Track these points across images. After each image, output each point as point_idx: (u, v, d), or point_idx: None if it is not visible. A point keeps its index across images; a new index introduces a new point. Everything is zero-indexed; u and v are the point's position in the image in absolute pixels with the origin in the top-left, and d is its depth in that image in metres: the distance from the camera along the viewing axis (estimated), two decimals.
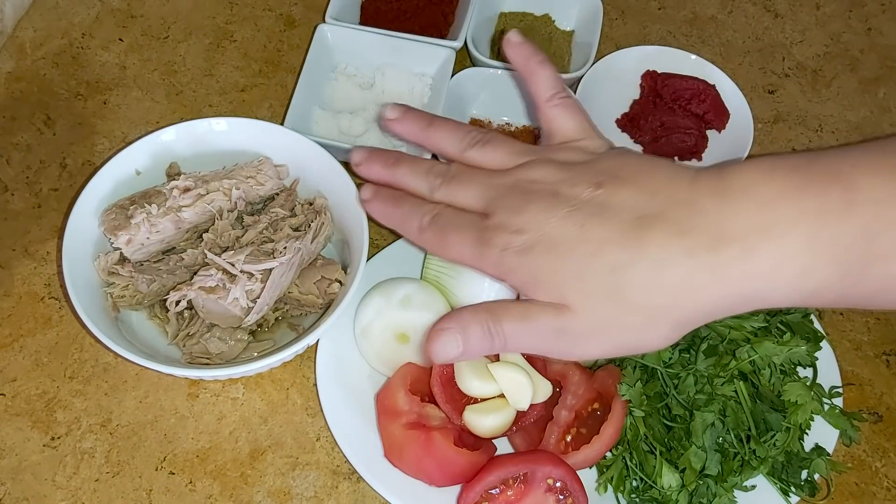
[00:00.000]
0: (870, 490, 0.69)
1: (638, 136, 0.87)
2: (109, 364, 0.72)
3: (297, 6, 0.95)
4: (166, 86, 0.88)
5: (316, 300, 0.69)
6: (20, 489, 0.66)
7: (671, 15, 0.98)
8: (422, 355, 0.66)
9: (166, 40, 0.91)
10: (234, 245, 0.68)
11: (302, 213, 0.71)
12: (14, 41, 0.90)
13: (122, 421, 0.69)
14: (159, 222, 0.67)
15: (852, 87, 0.94)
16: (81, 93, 0.87)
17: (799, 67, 0.95)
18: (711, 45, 0.96)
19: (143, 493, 0.66)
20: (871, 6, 1.01)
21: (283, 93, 0.88)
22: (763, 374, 0.64)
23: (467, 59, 0.88)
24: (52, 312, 0.74)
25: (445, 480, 0.63)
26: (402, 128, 0.65)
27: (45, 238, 0.78)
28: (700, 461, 0.61)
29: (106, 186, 0.70)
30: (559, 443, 0.64)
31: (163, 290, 0.68)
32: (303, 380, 0.72)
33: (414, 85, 0.85)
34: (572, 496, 0.61)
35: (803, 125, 0.91)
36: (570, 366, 0.66)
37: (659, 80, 0.87)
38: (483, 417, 0.62)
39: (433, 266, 0.70)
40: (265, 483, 0.67)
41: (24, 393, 0.70)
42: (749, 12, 0.99)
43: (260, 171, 0.72)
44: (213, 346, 0.67)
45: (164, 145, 0.72)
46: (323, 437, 0.69)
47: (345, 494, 0.67)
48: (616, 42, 0.95)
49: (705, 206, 0.49)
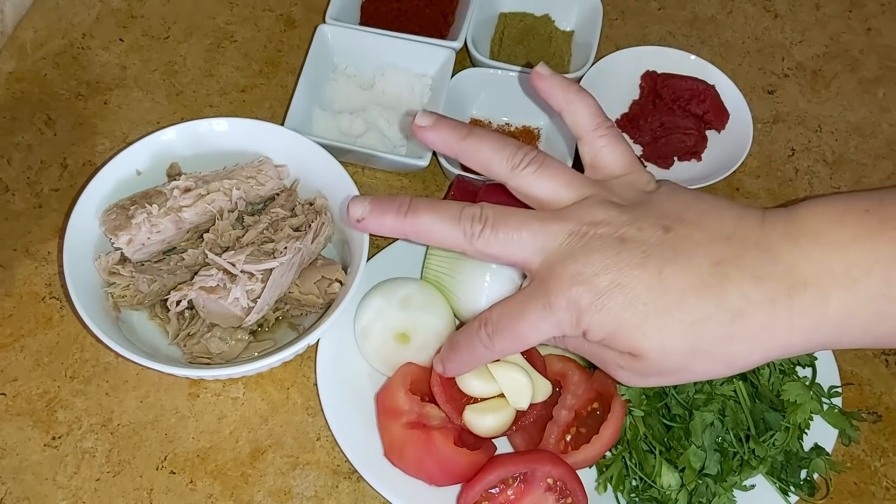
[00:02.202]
0: (869, 490, 0.69)
1: (638, 136, 0.87)
2: (110, 364, 0.72)
3: (298, 6, 0.95)
4: (167, 86, 0.88)
5: (316, 300, 0.69)
6: (21, 489, 0.66)
7: (671, 15, 0.98)
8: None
9: (167, 41, 0.92)
10: (234, 245, 0.68)
11: (302, 214, 0.71)
12: (14, 41, 0.90)
13: (122, 420, 0.69)
14: (160, 222, 0.68)
15: (852, 87, 0.94)
16: (82, 93, 0.87)
17: (798, 68, 0.95)
18: (711, 46, 0.96)
19: (143, 492, 0.66)
20: (871, 6, 1.01)
21: (283, 93, 0.89)
22: (762, 374, 0.64)
23: (467, 59, 0.88)
24: (53, 312, 0.74)
25: (445, 480, 0.63)
26: (435, 137, 0.58)
27: (46, 238, 0.78)
28: (699, 461, 0.61)
29: (107, 186, 0.70)
30: (559, 442, 0.64)
31: (163, 290, 0.69)
32: (303, 379, 0.72)
33: (414, 85, 0.85)
34: (572, 496, 0.61)
35: (803, 125, 0.91)
36: (570, 365, 0.66)
37: (658, 81, 0.87)
38: (483, 417, 0.62)
39: (433, 266, 0.70)
40: (266, 483, 0.67)
41: (25, 393, 0.70)
42: (749, 13, 0.99)
43: (260, 171, 0.72)
44: (213, 346, 0.67)
45: (165, 145, 0.72)
46: (323, 437, 0.69)
47: (345, 494, 0.67)
48: (616, 42, 0.95)
49: (779, 251, 0.49)
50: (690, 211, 0.52)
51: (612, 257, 0.50)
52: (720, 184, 0.84)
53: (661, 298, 0.49)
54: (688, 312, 0.49)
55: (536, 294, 0.52)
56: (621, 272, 0.50)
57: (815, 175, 0.87)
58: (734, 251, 0.50)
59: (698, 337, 0.49)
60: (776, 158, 0.88)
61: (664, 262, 0.49)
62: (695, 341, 0.49)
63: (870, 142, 0.90)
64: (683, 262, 0.49)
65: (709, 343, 0.49)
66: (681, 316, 0.49)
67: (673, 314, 0.49)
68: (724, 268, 0.49)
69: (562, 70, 0.89)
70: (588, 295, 0.50)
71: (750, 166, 0.87)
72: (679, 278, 0.49)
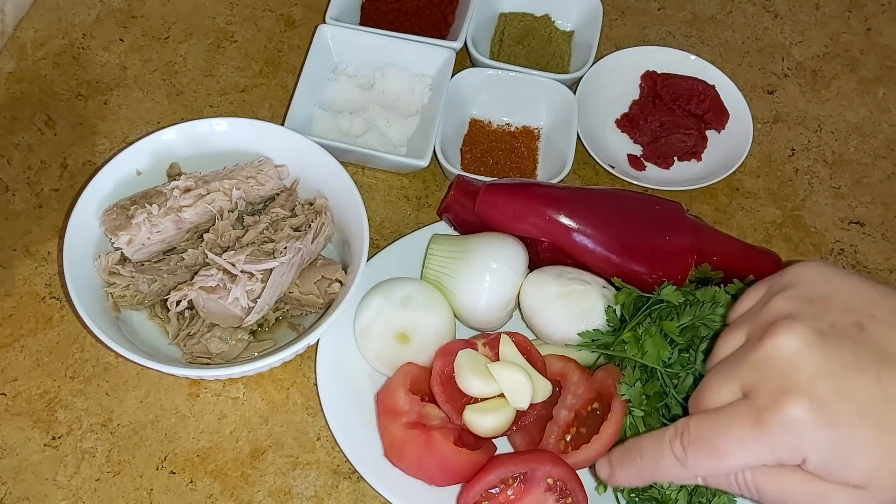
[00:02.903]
0: None
1: (637, 136, 0.87)
2: (110, 364, 0.72)
3: (298, 7, 0.95)
4: (167, 86, 0.88)
5: (316, 300, 0.69)
6: (21, 489, 0.66)
7: (671, 15, 0.98)
8: None
9: (167, 41, 0.92)
10: (234, 245, 0.68)
11: (302, 214, 0.71)
12: (15, 42, 0.90)
13: (122, 420, 0.69)
14: (160, 222, 0.68)
15: (852, 87, 0.94)
16: (82, 93, 0.87)
17: (798, 68, 0.95)
18: (711, 46, 0.96)
19: (143, 492, 0.66)
20: (871, 6, 1.01)
21: (283, 93, 0.89)
22: None
23: (467, 59, 0.88)
24: (53, 312, 0.74)
25: (445, 480, 0.63)
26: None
27: (46, 238, 0.78)
28: None
29: (107, 186, 0.70)
30: (559, 442, 0.64)
31: (163, 290, 0.69)
32: (303, 379, 0.72)
33: (414, 85, 0.85)
34: (572, 496, 0.61)
35: (802, 125, 0.91)
36: (570, 365, 0.66)
37: (658, 81, 0.88)
38: (483, 417, 0.62)
39: (433, 266, 0.70)
40: (266, 482, 0.67)
41: (25, 393, 0.70)
42: (748, 13, 0.99)
43: (260, 171, 0.72)
44: (213, 346, 0.67)
45: (165, 145, 0.72)
46: (323, 437, 0.69)
47: (345, 494, 0.67)
48: (616, 42, 0.95)
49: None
50: (878, 308, 0.44)
51: (821, 358, 0.42)
52: (720, 184, 0.84)
53: (889, 409, 0.41)
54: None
55: (743, 407, 0.44)
56: (840, 376, 0.41)
57: (814, 175, 0.87)
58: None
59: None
60: (776, 158, 0.88)
61: (879, 364, 0.41)
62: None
63: (869, 142, 0.90)
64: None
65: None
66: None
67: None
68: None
69: (561, 70, 0.90)
70: (811, 406, 0.41)
71: (750, 166, 0.87)
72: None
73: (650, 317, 0.64)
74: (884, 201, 0.86)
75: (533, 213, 0.70)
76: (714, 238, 0.73)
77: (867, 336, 0.42)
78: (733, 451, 0.43)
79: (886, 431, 0.40)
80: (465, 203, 0.73)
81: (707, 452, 0.45)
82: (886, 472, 0.41)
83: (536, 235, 0.70)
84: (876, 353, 0.42)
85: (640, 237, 0.70)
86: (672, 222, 0.71)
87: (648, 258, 0.69)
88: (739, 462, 0.44)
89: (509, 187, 0.72)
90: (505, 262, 0.68)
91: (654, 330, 0.63)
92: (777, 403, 0.42)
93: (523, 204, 0.71)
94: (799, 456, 0.42)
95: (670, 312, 0.64)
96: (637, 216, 0.71)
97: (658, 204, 0.73)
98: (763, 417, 0.42)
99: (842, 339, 0.42)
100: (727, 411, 0.45)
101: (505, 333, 0.66)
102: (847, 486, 0.42)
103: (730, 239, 0.74)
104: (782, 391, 0.42)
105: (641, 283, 0.69)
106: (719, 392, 0.46)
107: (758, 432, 0.42)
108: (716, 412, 0.45)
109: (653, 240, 0.70)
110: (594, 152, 0.83)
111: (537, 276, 0.69)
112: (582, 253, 0.70)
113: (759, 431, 0.42)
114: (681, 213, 0.72)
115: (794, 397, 0.41)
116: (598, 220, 0.70)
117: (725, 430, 0.44)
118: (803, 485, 0.43)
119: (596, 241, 0.70)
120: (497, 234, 0.71)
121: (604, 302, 0.67)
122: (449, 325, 0.69)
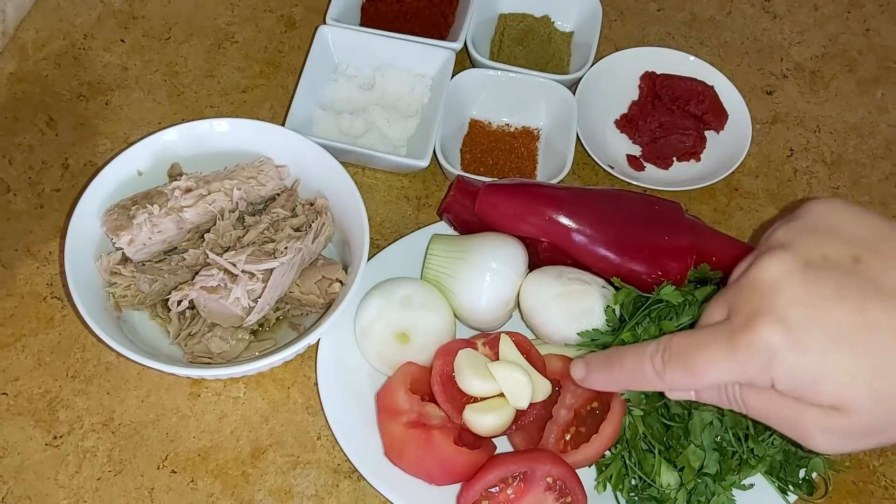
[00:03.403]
0: (867, 489, 0.69)
1: (637, 136, 0.87)
2: (111, 363, 0.72)
3: (298, 7, 0.96)
4: (168, 87, 0.89)
5: (317, 300, 0.69)
6: (22, 488, 0.66)
7: (670, 16, 0.98)
8: None
9: (168, 41, 0.92)
10: (235, 245, 0.68)
11: (303, 214, 0.71)
12: (16, 42, 0.90)
13: (123, 420, 0.70)
14: (161, 222, 0.68)
15: (850, 87, 0.94)
16: (83, 94, 0.87)
17: (797, 68, 0.95)
18: (710, 46, 0.96)
19: (144, 491, 0.67)
20: (870, 7, 1.01)
21: (283, 94, 0.89)
22: None
23: (467, 60, 0.88)
24: (55, 312, 0.74)
25: (445, 479, 0.64)
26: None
27: (48, 238, 0.78)
28: (698, 460, 0.61)
29: (108, 187, 0.70)
30: (558, 442, 0.64)
31: (164, 289, 0.69)
32: (303, 379, 0.72)
33: (414, 86, 0.85)
34: (571, 495, 0.61)
35: (801, 126, 0.91)
36: (569, 365, 0.66)
37: (658, 81, 0.88)
38: (483, 416, 0.62)
39: (433, 266, 0.71)
40: (266, 482, 0.67)
41: (26, 392, 0.70)
42: (747, 13, 0.99)
43: (261, 171, 0.72)
44: (214, 346, 0.67)
45: (166, 146, 0.73)
46: (324, 436, 0.70)
47: (345, 493, 0.67)
48: (615, 43, 0.95)
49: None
50: (885, 243, 0.45)
51: (802, 294, 0.43)
52: (719, 184, 0.84)
53: (869, 338, 0.42)
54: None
55: (721, 328, 0.46)
56: (816, 305, 0.43)
57: (813, 175, 0.88)
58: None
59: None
60: (775, 159, 0.88)
61: (865, 296, 0.42)
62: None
63: (868, 142, 0.90)
64: (888, 298, 0.42)
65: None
66: (894, 357, 0.42)
67: (885, 355, 0.42)
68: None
69: (561, 70, 0.90)
70: (781, 331, 0.43)
71: (749, 167, 0.87)
72: (886, 316, 0.42)
73: (649, 316, 0.64)
74: (882, 201, 0.86)
75: (533, 213, 0.70)
76: (713, 238, 0.73)
77: (862, 269, 0.43)
78: (707, 369, 0.46)
79: (863, 358, 0.42)
80: (465, 203, 0.73)
81: (683, 369, 0.47)
82: (863, 396, 0.42)
83: (536, 235, 0.70)
84: (865, 284, 0.43)
85: (640, 237, 0.70)
86: (671, 222, 0.71)
87: (647, 258, 0.70)
88: (712, 379, 0.46)
89: (509, 187, 0.72)
90: (505, 262, 0.69)
91: (654, 330, 0.63)
92: (749, 325, 0.44)
93: (523, 204, 0.71)
94: (767, 377, 0.44)
95: (669, 312, 0.64)
96: (636, 216, 0.72)
97: (657, 204, 0.73)
98: (735, 338, 0.44)
99: (830, 269, 0.43)
100: (706, 331, 0.47)
101: (505, 333, 0.66)
102: (822, 406, 0.44)
103: (729, 239, 0.74)
104: (756, 314, 0.44)
105: (640, 282, 0.69)
106: (712, 313, 0.48)
107: (729, 352, 0.45)
108: (696, 331, 0.48)
109: (652, 240, 0.70)
110: (593, 153, 0.83)
111: (537, 276, 0.69)
112: (581, 253, 0.70)
113: (731, 351, 0.45)
114: (680, 214, 0.72)
115: (766, 321, 0.43)
116: (598, 220, 0.70)
117: (702, 348, 0.46)
118: (783, 402, 0.45)
119: (595, 241, 0.70)
120: (497, 234, 0.71)
121: (603, 302, 0.67)
122: (449, 325, 0.69)
